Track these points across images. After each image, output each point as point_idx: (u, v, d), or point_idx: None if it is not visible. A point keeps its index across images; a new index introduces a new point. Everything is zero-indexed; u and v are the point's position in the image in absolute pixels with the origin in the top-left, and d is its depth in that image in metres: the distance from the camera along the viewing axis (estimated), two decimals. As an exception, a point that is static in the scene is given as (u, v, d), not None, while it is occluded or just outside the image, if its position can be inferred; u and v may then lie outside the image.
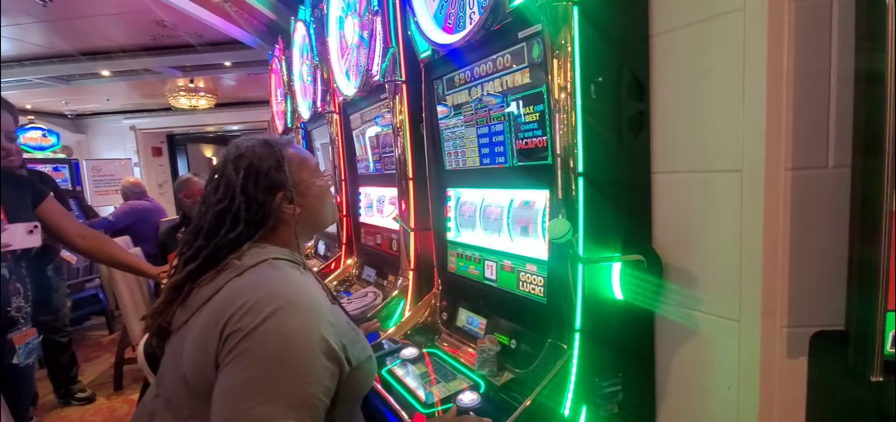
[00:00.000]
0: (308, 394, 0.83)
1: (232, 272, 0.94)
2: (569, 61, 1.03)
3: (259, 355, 0.82)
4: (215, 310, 0.90)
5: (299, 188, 1.04)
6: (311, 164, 1.10)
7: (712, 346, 1.09)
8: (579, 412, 1.08)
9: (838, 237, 0.92)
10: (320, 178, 1.10)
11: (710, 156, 1.05)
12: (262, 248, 0.99)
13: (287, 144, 1.08)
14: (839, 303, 0.92)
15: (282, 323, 0.85)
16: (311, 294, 0.93)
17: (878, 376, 0.81)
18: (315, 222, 1.10)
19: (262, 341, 0.83)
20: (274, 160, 1.02)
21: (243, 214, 0.98)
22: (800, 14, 0.91)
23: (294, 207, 1.03)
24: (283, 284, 0.93)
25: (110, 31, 4.53)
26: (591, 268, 1.09)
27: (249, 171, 1.00)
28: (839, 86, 0.92)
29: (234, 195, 0.98)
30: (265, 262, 0.96)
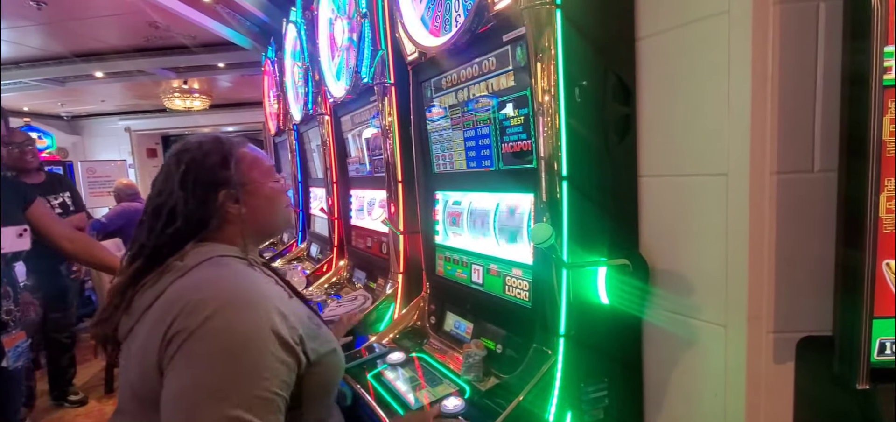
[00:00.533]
0: (263, 389, 0.80)
1: (174, 274, 0.90)
2: (552, 64, 1.02)
3: (205, 355, 0.79)
4: (158, 315, 0.86)
5: (247, 188, 1.00)
6: (264, 165, 1.06)
7: (699, 351, 1.08)
8: (564, 418, 1.06)
9: (825, 242, 0.91)
10: (273, 180, 1.06)
11: (696, 160, 1.04)
12: (205, 247, 0.95)
13: (241, 144, 1.05)
14: (826, 308, 0.91)
15: (227, 320, 0.82)
16: (258, 288, 0.90)
17: (864, 384, 0.80)
18: (262, 225, 1.05)
19: (208, 340, 0.80)
20: (219, 156, 0.98)
21: (181, 208, 0.94)
22: (785, 17, 0.90)
23: (239, 207, 0.99)
24: (228, 280, 0.90)
25: (104, 33, 4.52)
26: (576, 273, 1.07)
27: (190, 165, 0.96)
28: (825, 89, 0.91)
29: (172, 190, 0.95)
30: (209, 260, 0.93)
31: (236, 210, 0.99)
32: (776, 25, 0.90)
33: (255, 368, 0.81)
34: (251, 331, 0.83)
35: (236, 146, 1.03)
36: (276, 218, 1.08)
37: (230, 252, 0.96)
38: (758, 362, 0.98)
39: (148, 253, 0.94)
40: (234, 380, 0.79)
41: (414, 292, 1.76)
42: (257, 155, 1.07)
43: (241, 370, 0.80)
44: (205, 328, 0.80)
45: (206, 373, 0.78)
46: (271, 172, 1.07)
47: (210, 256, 0.93)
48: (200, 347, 0.80)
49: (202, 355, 0.79)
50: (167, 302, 0.86)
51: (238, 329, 0.82)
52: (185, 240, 0.95)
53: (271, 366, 0.82)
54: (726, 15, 0.95)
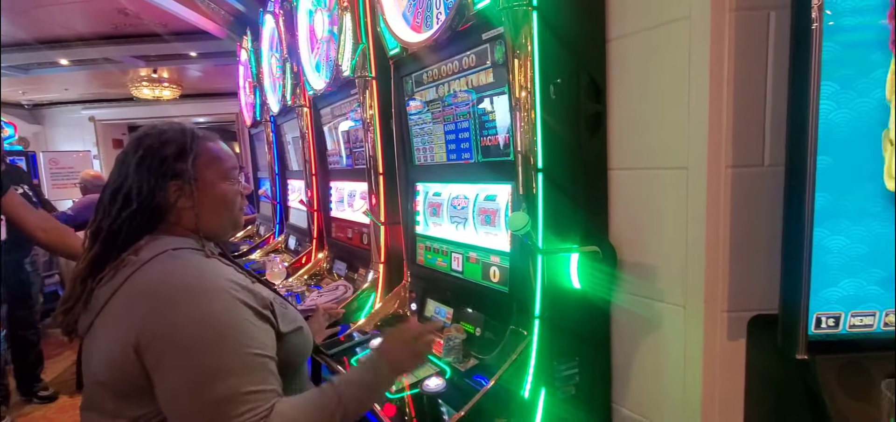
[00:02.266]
0: (254, 355, 0.86)
1: (130, 268, 0.91)
2: (529, 62, 1.08)
3: (191, 349, 0.83)
4: (121, 313, 0.88)
5: (198, 184, 0.99)
6: (224, 166, 1.04)
7: (661, 330, 1.17)
8: (538, 394, 1.14)
9: (773, 229, 1.00)
10: (229, 182, 1.04)
11: (660, 154, 1.12)
12: (160, 240, 0.95)
13: (206, 139, 1.03)
14: (774, 289, 1.00)
15: (200, 309, 0.85)
16: (218, 273, 0.92)
17: (802, 355, 0.89)
18: (209, 225, 1.02)
19: (188, 334, 0.83)
20: (177, 147, 0.98)
21: (134, 193, 0.94)
22: (740, 23, 0.99)
23: (189, 202, 0.98)
24: (187, 271, 0.91)
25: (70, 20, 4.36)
26: (550, 259, 1.15)
27: (147, 151, 0.96)
28: (775, 90, 1.00)
29: (127, 174, 0.95)
30: (164, 253, 0.93)
31: (186, 205, 0.98)
32: (732, 31, 0.98)
33: (240, 341, 0.85)
34: (223, 312, 0.86)
35: (199, 141, 1.01)
36: (221, 220, 1.05)
37: (184, 244, 0.96)
38: (714, 339, 1.07)
39: (104, 237, 0.94)
40: (225, 359, 0.83)
41: (395, 282, 1.81)
42: (219, 154, 1.04)
43: (228, 349, 0.84)
44: (181, 325, 0.84)
45: (198, 364, 0.82)
46: (228, 174, 1.05)
47: (165, 249, 0.93)
48: (184, 342, 0.83)
49: (188, 349, 0.83)
50: (128, 300, 0.88)
51: (212, 316, 0.85)
52: (140, 228, 0.95)
53: (251, 333, 0.88)
54: (687, 20, 1.03)
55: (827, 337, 0.88)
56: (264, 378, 0.87)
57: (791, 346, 0.90)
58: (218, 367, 0.83)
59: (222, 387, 0.82)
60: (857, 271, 0.86)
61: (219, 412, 0.81)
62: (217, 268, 0.95)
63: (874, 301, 0.87)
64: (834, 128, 0.83)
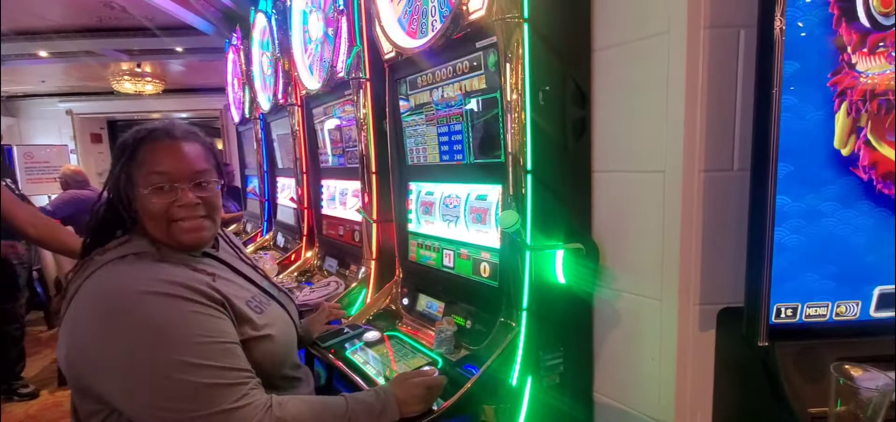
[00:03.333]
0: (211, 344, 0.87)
1: (92, 267, 0.92)
2: (519, 70, 1.16)
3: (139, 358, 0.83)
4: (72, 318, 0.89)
5: (137, 191, 0.97)
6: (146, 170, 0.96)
7: (639, 322, 1.26)
8: (525, 382, 1.22)
9: (740, 229, 1.09)
10: (151, 191, 0.95)
11: (639, 158, 1.21)
12: (129, 242, 0.95)
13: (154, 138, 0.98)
14: (741, 284, 1.09)
15: (139, 319, 0.84)
16: (160, 276, 0.90)
17: (764, 342, 0.99)
18: (152, 234, 0.98)
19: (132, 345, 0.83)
20: (122, 150, 0.98)
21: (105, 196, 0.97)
22: (713, 39, 1.07)
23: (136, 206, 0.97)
24: (123, 283, 0.89)
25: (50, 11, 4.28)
26: (537, 255, 1.23)
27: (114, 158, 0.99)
28: (744, 101, 1.09)
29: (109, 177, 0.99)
30: (123, 257, 0.92)
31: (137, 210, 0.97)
32: (706, 46, 1.07)
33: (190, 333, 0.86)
34: (164, 313, 0.86)
35: (140, 144, 0.97)
36: (155, 230, 0.97)
37: (145, 249, 0.95)
38: (686, 330, 1.16)
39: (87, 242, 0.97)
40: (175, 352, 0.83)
41: (386, 278, 1.87)
42: (146, 158, 0.97)
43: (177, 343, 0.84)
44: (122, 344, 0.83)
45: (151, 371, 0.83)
46: (149, 180, 0.95)
47: (123, 254, 0.93)
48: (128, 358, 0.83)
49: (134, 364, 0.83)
50: (77, 309, 0.89)
51: (151, 320, 0.85)
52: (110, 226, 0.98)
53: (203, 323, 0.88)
54: (666, 35, 1.11)
55: (786, 326, 0.98)
56: (232, 361, 0.87)
57: (754, 334, 0.99)
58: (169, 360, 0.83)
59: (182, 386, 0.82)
60: (812, 267, 0.96)
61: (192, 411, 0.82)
62: (160, 272, 0.91)
63: (827, 294, 0.97)
64: (793, 137, 0.92)
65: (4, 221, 1.87)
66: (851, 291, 0.97)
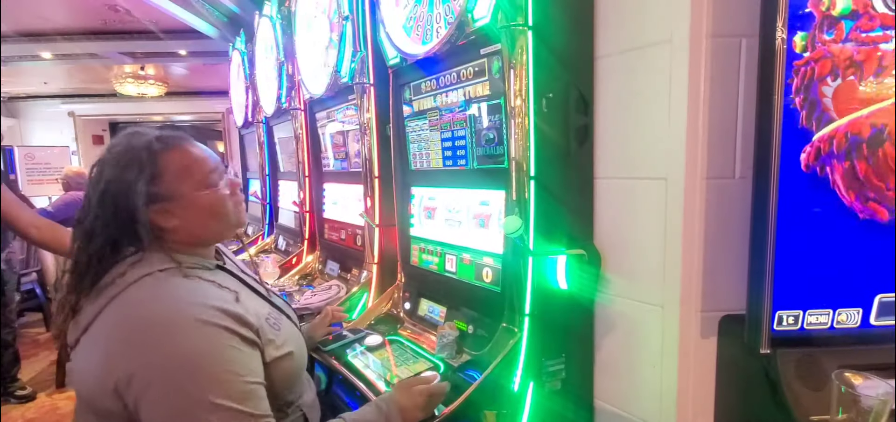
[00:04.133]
0: (241, 382, 0.85)
1: (114, 289, 0.88)
2: (523, 77, 1.17)
3: (171, 385, 0.82)
4: (101, 341, 0.86)
5: (175, 201, 0.93)
6: (196, 173, 0.96)
7: (641, 328, 1.26)
8: (527, 388, 1.22)
9: (743, 236, 1.10)
10: (207, 186, 0.97)
11: (642, 165, 1.21)
12: (142, 264, 0.90)
13: (167, 148, 0.94)
14: (743, 291, 1.10)
15: (174, 344, 0.83)
16: (200, 300, 0.88)
17: (766, 349, 0.99)
18: (200, 236, 0.99)
19: (166, 372, 0.82)
20: (137, 171, 0.90)
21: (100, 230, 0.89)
22: (715, 48, 1.08)
23: (171, 220, 0.94)
24: (162, 304, 0.87)
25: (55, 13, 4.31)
26: (540, 260, 1.23)
27: (108, 185, 0.90)
28: (745, 109, 1.10)
29: (90, 209, 0.90)
30: (148, 276, 0.89)
31: (170, 224, 0.93)
32: (708, 55, 1.08)
33: (221, 370, 0.84)
34: (204, 344, 0.84)
35: (160, 154, 0.93)
36: (215, 225, 1.00)
37: (171, 264, 0.92)
38: (688, 337, 1.17)
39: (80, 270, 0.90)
40: (206, 391, 0.81)
41: (387, 283, 1.87)
42: (187, 161, 0.96)
43: (208, 380, 0.82)
44: (157, 367, 0.82)
45: (179, 403, 0.81)
46: (205, 179, 0.97)
47: (148, 272, 0.89)
48: (162, 382, 0.81)
49: (167, 390, 0.81)
50: (107, 331, 0.86)
51: (187, 349, 0.83)
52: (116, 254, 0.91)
53: (234, 359, 0.86)
54: (669, 43, 1.12)
55: (787, 334, 0.98)
56: (255, 405, 0.86)
57: (756, 342, 1.00)
58: (201, 399, 0.81)
59: (211, 416, 0.81)
60: (814, 275, 0.97)
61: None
62: (197, 294, 0.90)
63: (828, 302, 0.97)
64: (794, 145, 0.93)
65: (6, 224, 1.87)
66: (852, 300, 0.98)
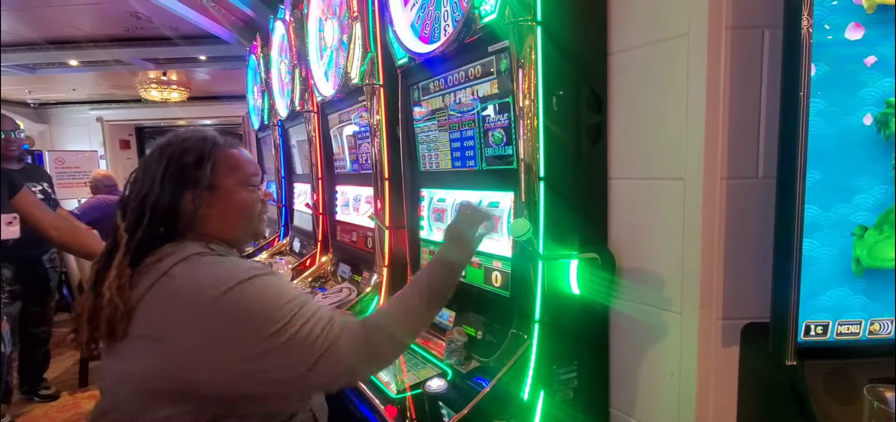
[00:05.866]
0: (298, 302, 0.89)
1: (153, 275, 0.90)
2: (532, 74, 1.13)
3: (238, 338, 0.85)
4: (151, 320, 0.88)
5: (217, 193, 0.99)
6: (243, 172, 1.03)
7: (658, 336, 1.20)
8: (537, 397, 1.17)
9: (766, 239, 1.03)
10: (248, 189, 1.04)
11: (658, 165, 1.16)
12: (180, 248, 0.94)
13: (227, 146, 1.03)
14: (767, 298, 1.04)
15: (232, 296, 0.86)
16: (235, 266, 0.92)
17: (792, 361, 0.93)
18: (228, 233, 1.03)
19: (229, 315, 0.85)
20: (196, 155, 0.98)
21: (153, 203, 0.94)
22: (736, 40, 1.03)
23: (206, 210, 0.98)
24: (217, 267, 0.91)
25: (81, 21, 4.44)
26: (550, 265, 1.19)
27: (170, 160, 0.97)
28: (768, 105, 1.04)
29: (154, 183, 0.95)
30: (186, 259, 0.92)
31: (206, 212, 0.98)
32: (728, 48, 1.03)
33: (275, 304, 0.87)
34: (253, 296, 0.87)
35: (219, 148, 1.01)
36: (240, 228, 1.05)
37: (205, 250, 0.96)
38: (708, 346, 1.11)
39: (126, 242, 0.93)
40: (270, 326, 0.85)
41: (398, 285, 1.85)
42: (239, 161, 1.04)
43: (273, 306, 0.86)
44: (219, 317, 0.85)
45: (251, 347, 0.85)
46: (248, 181, 1.04)
47: (186, 255, 0.92)
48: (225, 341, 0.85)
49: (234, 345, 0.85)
50: (157, 309, 0.88)
51: (245, 305, 0.86)
52: (161, 235, 0.95)
53: (282, 285, 0.91)
54: (686, 37, 1.07)
55: (815, 344, 0.92)
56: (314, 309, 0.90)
57: (781, 352, 0.93)
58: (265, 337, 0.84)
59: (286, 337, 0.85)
60: (844, 282, 0.90)
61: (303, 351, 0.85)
62: (232, 264, 0.94)
63: (860, 311, 0.90)
64: (823, 144, 0.87)
65: (28, 224, 1.92)
66: (886, 308, 0.91)
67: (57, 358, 3.90)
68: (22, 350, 3.15)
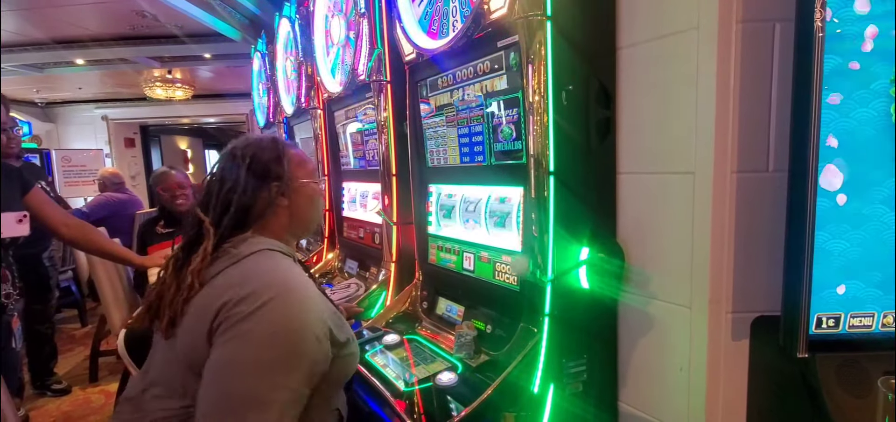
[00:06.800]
0: (300, 382, 0.92)
1: (228, 260, 1.01)
2: (542, 69, 1.13)
3: (257, 338, 0.90)
4: (212, 294, 0.96)
5: (294, 185, 1.11)
6: (310, 166, 1.18)
7: (667, 330, 1.21)
8: (547, 390, 1.18)
9: (777, 233, 1.04)
10: (315, 181, 1.18)
11: (667, 159, 1.16)
12: (257, 239, 1.06)
13: (291, 146, 1.16)
14: (777, 291, 1.04)
15: (280, 311, 0.92)
16: (305, 285, 1.01)
17: (803, 353, 0.93)
18: (302, 221, 1.16)
19: (262, 324, 0.90)
20: (274, 153, 1.10)
21: (239, 195, 1.05)
22: (746, 34, 1.02)
23: (286, 201, 1.10)
24: (280, 274, 1.00)
25: (87, 20, 4.46)
26: (560, 259, 1.19)
27: (254, 158, 1.08)
28: (779, 98, 1.04)
29: (238, 178, 1.06)
30: (260, 252, 1.03)
31: (284, 204, 1.10)
32: (738, 41, 1.02)
33: (298, 355, 0.92)
34: (298, 323, 0.93)
35: (288, 146, 1.15)
36: (314, 215, 1.19)
37: (278, 247, 1.07)
38: (718, 339, 1.11)
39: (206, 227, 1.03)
40: (277, 363, 0.90)
41: (406, 281, 1.86)
42: (305, 157, 1.18)
43: (285, 356, 0.91)
44: (259, 314, 0.90)
45: (255, 353, 0.89)
46: (315, 174, 1.19)
47: (260, 248, 1.03)
48: (254, 329, 0.90)
49: (254, 338, 0.90)
50: (224, 284, 0.96)
51: (288, 320, 0.92)
52: (240, 223, 1.06)
53: (311, 353, 0.94)
54: (696, 30, 1.07)
55: (827, 337, 0.92)
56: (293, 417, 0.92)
57: (792, 345, 0.94)
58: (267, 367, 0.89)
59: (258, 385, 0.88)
60: (856, 274, 0.90)
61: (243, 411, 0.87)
62: (304, 279, 1.04)
63: (873, 303, 0.90)
64: (835, 136, 0.86)
65: (39, 222, 1.94)
66: (900, 300, 0.91)
67: (67, 354, 3.94)
68: (29, 348, 3.18)
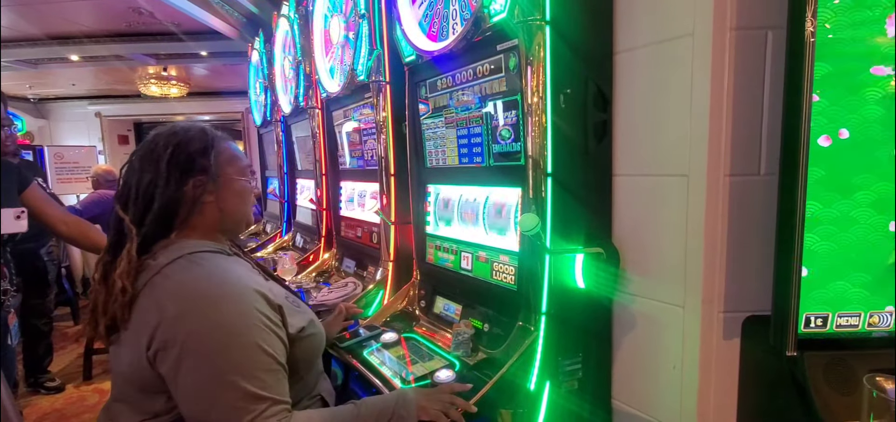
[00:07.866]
0: (268, 360, 0.92)
1: (148, 274, 0.94)
2: (541, 73, 1.15)
3: (204, 357, 0.88)
4: (140, 319, 0.92)
5: (221, 180, 1.05)
6: (240, 163, 1.11)
7: (660, 329, 1.23)
8: (543, 387, 1.20)
9: (768, 235, 1.06)
10: (245, 178, 1.12)
11: (662, 162, 1.19)
12: (176, 244, 0.99)
13: (223, 139, 1.10)
14: (768, 291, 1.07)
15: (215, 320, 0.90)
16: (236, 278, 0.97)
17: (792, 352, 0.96)
18: (229, 218, 1.09)
19: (203, 342, 0.89)
20: (201, 145, 1.03)
21: (161, 189, 0.98)
22: (740, 41, 1.05)
23: (211, 197, 1.04)
24: (205, 281, 0.95)
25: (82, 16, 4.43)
26: (557, 259, 1.21)
27: (176, 150, 1.01)
28: (771, 104, 1.07)
29: (159, 170, 0.98)
30: (181, 259, 0.96)
31: (210, 200, 1.04)
32: (732, 48, 1.05)
33: (253, 347, 0.91)
34: (239, 319, 0.92)
35: (219, 140, 1.08)
36: (240, 213, 1.12)
37: (203, 248, 1.00)
38: (710, 338, 1.14)
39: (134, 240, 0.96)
40: (237, 366, 0.89)
41: (403, 280, 1.87)
42: (235, 153, 1.12)
43: (240, 357, 0.90)
44: (197, 333, 0.89)
45: (211, 370, 0.88)
46: (245, 172, 1.13)
47: (181, 253, 0.97)
48: (197, 349, 0.88)
49: (201, 358, 0.88)
50: (148, 306, 0.92)
51: (228, 324, 0.91)
52: (161, 225, 0.99)
53: (266, 340, 0.93)
54: (691, 37, 1.10)
55: (815, 336, 0.95)
56: (277, 388, 0.93)
57: (782, 344, 0.96)
58: (232, 371, 0.88)
59: (235, 392, 0.88)
60: (843, 275, 0.93)
61: (233, 414, 0.87)
62: (237, 271, 1.00)
63: (859, 303, 0.93)
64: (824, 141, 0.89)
65: (37, 219, 1.94)
66: (885, 301, 0.94)
67: (60, 352, 3.91)
68: (25, 344, 3.17)
